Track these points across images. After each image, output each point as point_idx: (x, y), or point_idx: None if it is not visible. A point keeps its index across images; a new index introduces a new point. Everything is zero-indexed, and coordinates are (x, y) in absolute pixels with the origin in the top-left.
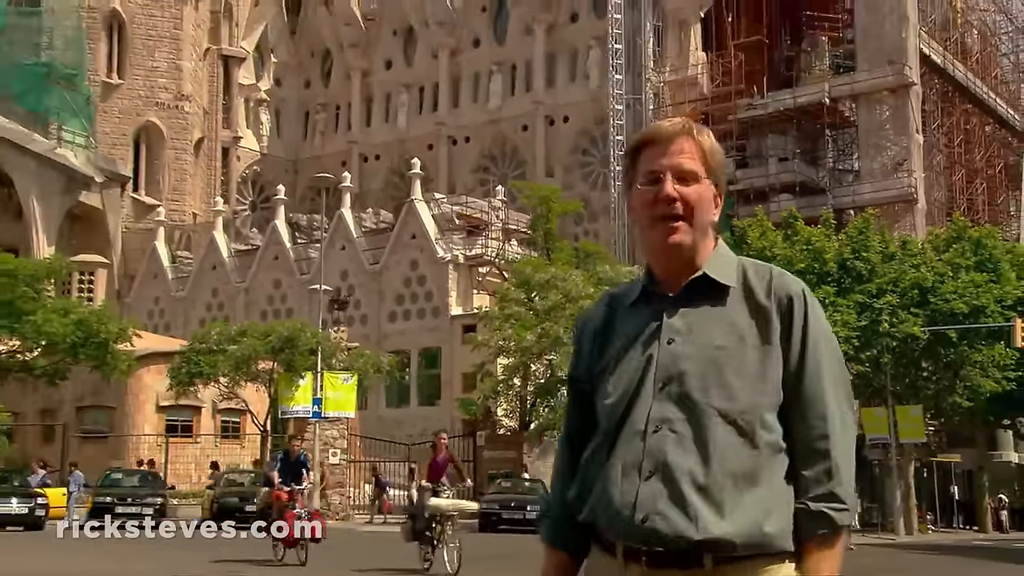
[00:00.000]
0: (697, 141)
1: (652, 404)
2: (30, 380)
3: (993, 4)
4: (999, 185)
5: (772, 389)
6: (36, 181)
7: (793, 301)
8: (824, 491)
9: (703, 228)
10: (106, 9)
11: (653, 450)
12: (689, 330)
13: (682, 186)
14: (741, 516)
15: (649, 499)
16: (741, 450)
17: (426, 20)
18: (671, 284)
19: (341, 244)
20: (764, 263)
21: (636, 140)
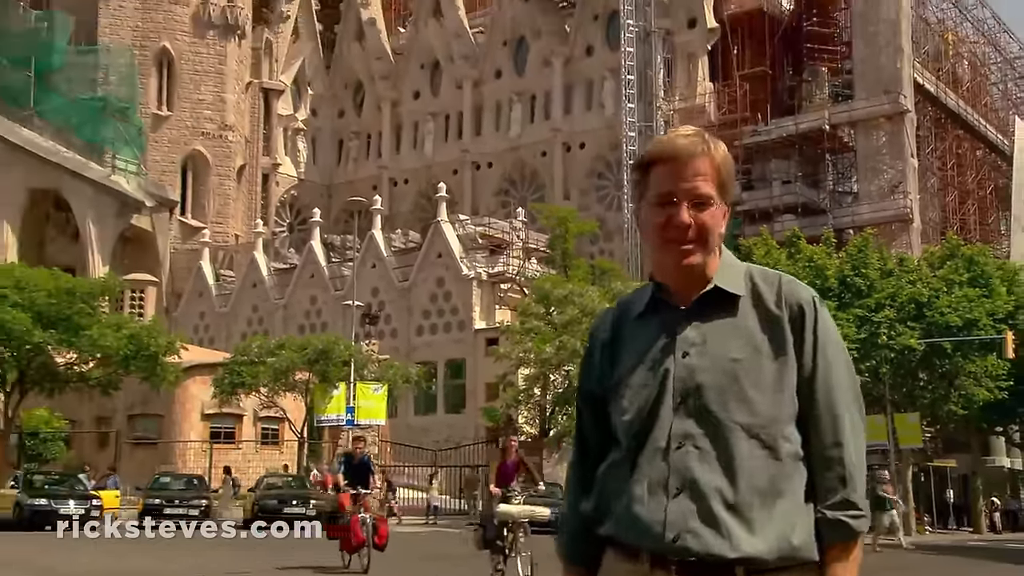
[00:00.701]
0: (712, 159)
1: (672, 420)
2: (86, 390)
3: (983, 37)
4: (990, 206)
5: (789, 400)
6: (92, 206)
7: (804, 309)
8: (840, 499)
9: (713, 248)
10: (156, 47)
11: (678, 467)
12: (703, 342)
13: (697, 212)
14: (770, 532)
15: (679, 518)
16: (765, 464)
17: (451, 54)
18: (680, 295)
19: (372, 263)
20: (771, 270)
21: (650, 155)
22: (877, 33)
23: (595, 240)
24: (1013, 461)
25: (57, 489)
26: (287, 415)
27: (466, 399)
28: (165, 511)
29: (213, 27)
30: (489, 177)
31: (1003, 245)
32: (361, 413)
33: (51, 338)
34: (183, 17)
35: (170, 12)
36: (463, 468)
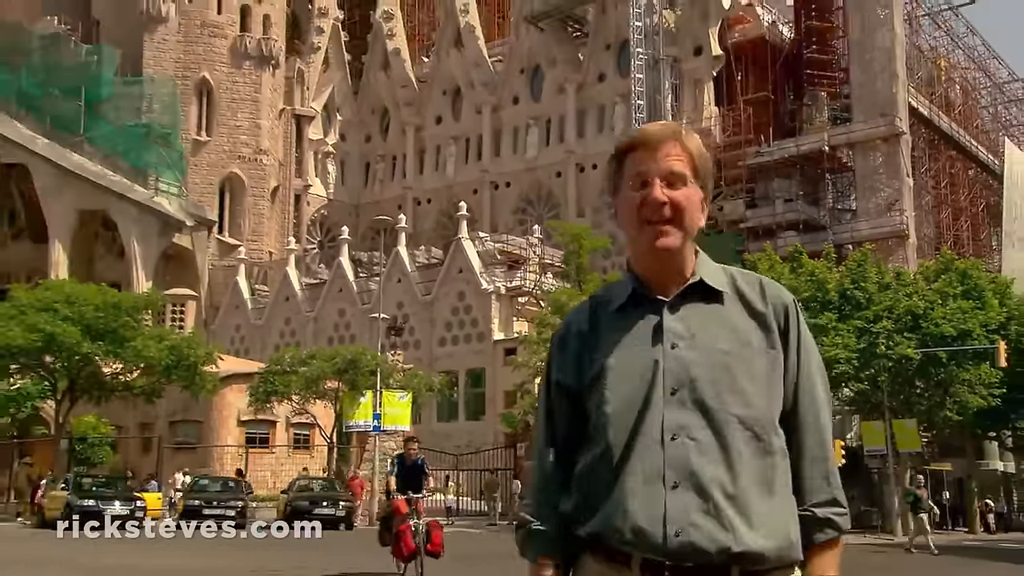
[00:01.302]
0: (685, 144)
1: (664, 411)
2: (130, 398)
3: (973, 63)
4: (982, 222)
5: (778, 396)
6: (137, 225)
7: (788, 309)
8: (827, 497)
9: (691, 231)
10: (197, 77)
11: (675, 459)
12: (691, 334)
13: (671, 190)
14: (770, 526)
15: (680, 511)
16: (759, 458)
17: (471, 81)
18: (661, 288)
19: (397, 278)
20: (749, 271)
21: (623, 143)
22: (873, 60)
23: (607, 255)
24: (1006, 465)
25: (104, 491)
26: (317, 421)
27: (486, 406)
28: (204, 512)
29: (249, 58)
30: (507, 196)
31: (995, 259)
32: (387, 420)
33: (99, 349)
34: (221, 49)
35: (209, 44)
36: (483, 472)
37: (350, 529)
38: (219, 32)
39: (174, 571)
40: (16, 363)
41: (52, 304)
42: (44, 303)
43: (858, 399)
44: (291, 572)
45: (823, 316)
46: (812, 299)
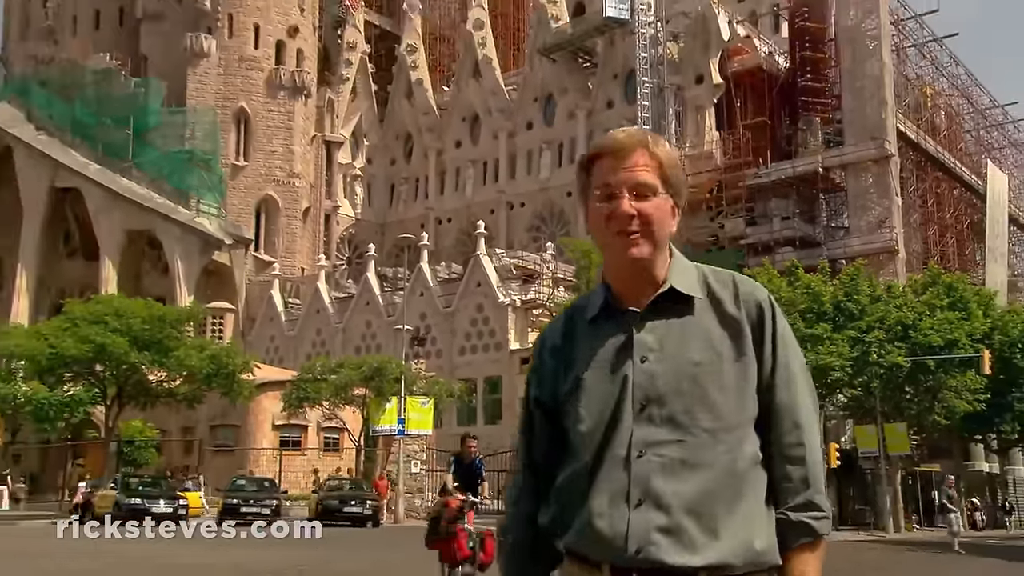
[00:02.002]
0: (653, 153)
1: (633, 428)
2: (173, 403)
3: (957, 90)
4: (966, 238)
5: (751, 402)
6: (180, 244)
7: (763, 308)
8: (803, 500)
9: (661, 241)
10: (235, 107)
11: (639, 476)
12: (661, 346)
13: (639, 201)
14: (733, 536)
15: (641, 529)
16: (729, 469)
17: (489, 109)
18: (633, 298)
19: (420, 291)
20: (723, 269)
21: (590, 152)
22: (863, 87)
23: None
24: (991, 466)
25: (150, 490)
26: (346, 425)
27: (502, 411)
28: (241, 510)
29: (283, 89)
30: (522, 215)
31: (979, 273)
32: (411, 424)
33: (145, 359)
34: (258, 81)
35: (247, 77)
36: (500, 473)
37: (376, 526)
38: (256, 65)
39: (214, 567)
40: (70, 371)
41: (103, 317)
42: (95, 316)
43: (852, 404)
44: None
45: (818, 327)
46: (808, 310)
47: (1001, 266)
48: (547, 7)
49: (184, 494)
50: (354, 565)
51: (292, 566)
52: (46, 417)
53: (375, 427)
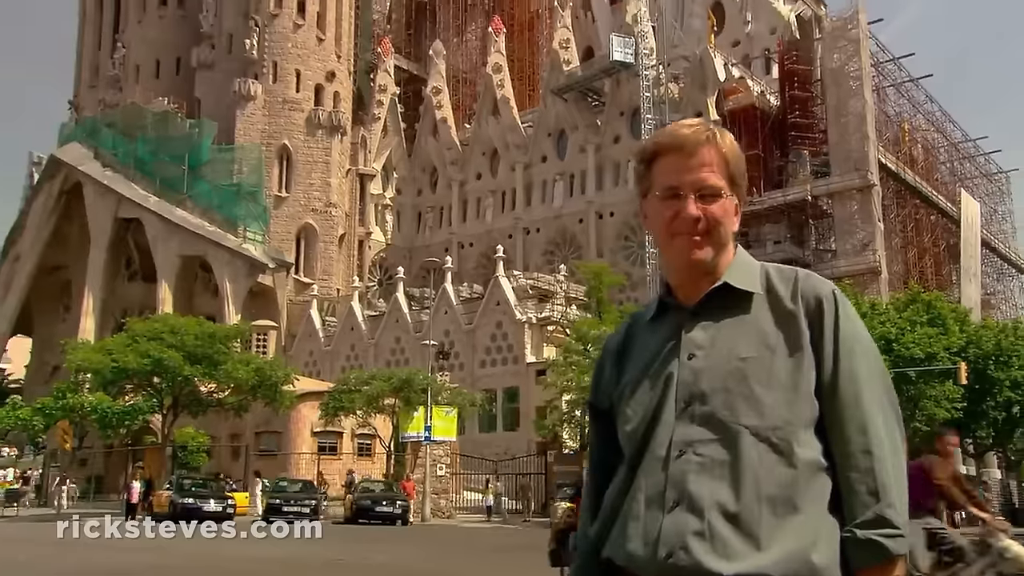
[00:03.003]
0: (719, 149)
1: (675, 426)
2: (223, 412)
3: (932, 126)
4: (943, 260)
5: (807, 401)
6: (228, 268)
7: (823, 303)
8: (872, 515)
9: (725, 241)
10: (278, 144)
11: (676, 477)
12: (712, 343)
13: (705, 203)
14: (781, 547)
15: (673, 532)
16: (777, 471)
17: (507, 144)
18: (689, 295)
19: (444, 310)
20: (789, 267)
21: (653, 146)
22: (847, 123)
23: (623, 290)
24: (968, 469)
25: (201, 491)
26: (378, 432)
27: (520, 419)
28: (283, 509)
29: (321, 127)
30: (537, 240)
31: (954, 292)
32: (436, 431)
33: (197, 371)
34: (299, 121)
35: (289, 117)
36: (518, 476)
37: (405, 525)
38: (297, 107)
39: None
40: (131, 383)
41: (160, 334)
42: (153, 333)
43: None
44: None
45: None
46: None
47: (975, 285)
48: (559, 52)
49: (232, 494)
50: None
51: (333, 560)
52: (110, 424)
53: (404, 434)
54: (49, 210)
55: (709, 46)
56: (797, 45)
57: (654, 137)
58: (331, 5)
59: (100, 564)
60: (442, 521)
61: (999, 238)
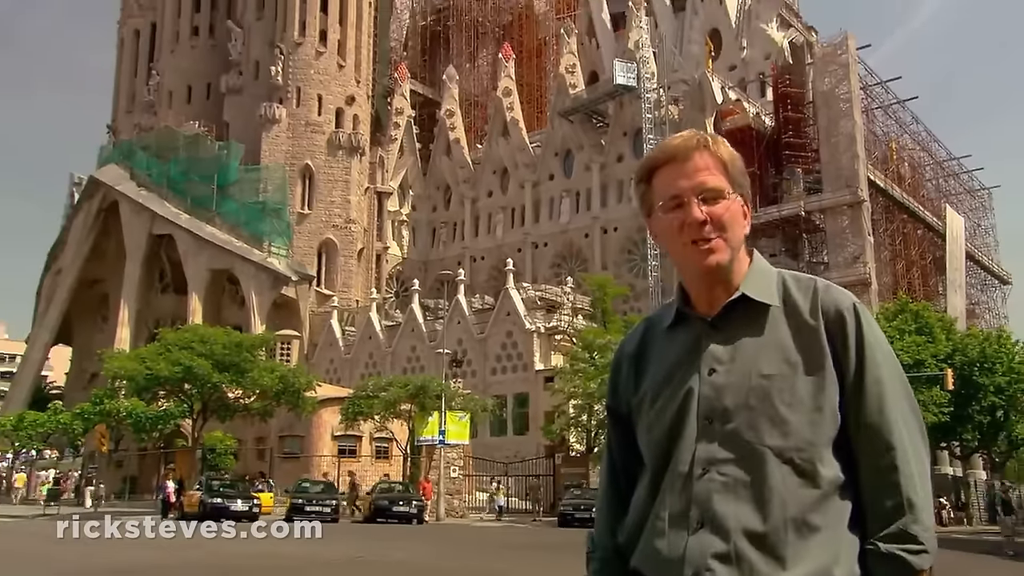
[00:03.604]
0: (714, 152)
1: (696, 443)
2: (249, 417)
3: (918, 145)
4: (930, 272)
5: (830, 420)
6: (254, 281)
7: (844, 316)
8: (896, 530)
9: (737, 244)
10: (301, 164)
11: (700, 497)
12: (731, 358)
13: (709, 206)
14: (805, 566)
15: (698, 554)
16: (801, 492)
17: (516, 163)
18: (708, 304)
19: (457, 320)
20: (807, 275)
21: (649, 161)
22: (838, 143)
23: (627, 300)
24: (955, 469)
25: (229, 491)
26: (394, 436)
27: (529, 424)
28: (306, 509)
29: (341, 148)
30: (545, 254)
31: (941, 302)
32: (450, 435)
33: (225, 379)
34: (320, 142)
35: (311, 139)
36: (527, 477)
37: (421, 524)
38: (318, 129)
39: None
40: (163, 390)
41: (190, 343)
42: (184, 343)
43: None
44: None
45: None
46: None
47: (960, 296)
48: (565, 76)
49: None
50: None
51: (354, 557)
52: (143, 428)
53: (419, 437)
54: (88, 227)
55: (707, 70)
56: (790, 69)
57: (648, 154)
58: (351, 34)
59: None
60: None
61: (982, 251)
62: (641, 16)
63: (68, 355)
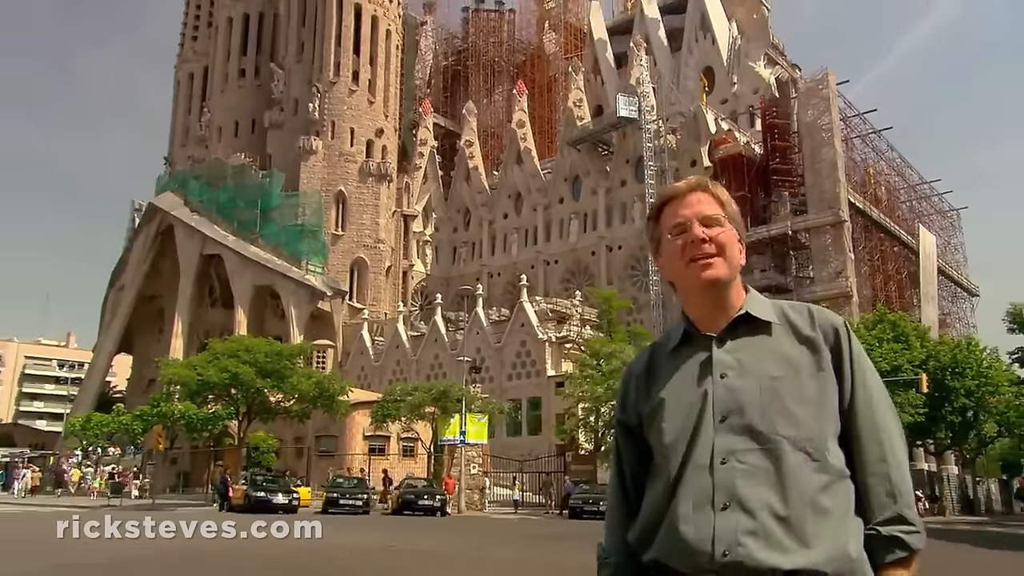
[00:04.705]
0: (714, 193)
1: (715, 438)
2: (288, 418)
3: (893, 171)
4: (905, 285)
5: (832, 415)
6: (293, 295)
7: (839, 332)
8: (892, 514)
9: (735, 266)
10: (335, 190)
11: (724, 481)
12: (740, 364)
13: (709, 229)
14: (826, 543)
15: (728, 532)
16: (814, 477)
17: (529, 188)
18: (711, 325)
19: (476, 330)
20: (799, 303)
21: (658, 200)
22: (821, 168)
23: (630, 312)
24: (929, 465)
25: (271, 485)
26: (419, 436)
27: (542, 425)
28: (340, 502)
29: (371, 175)
30: (555, 270)
31: (915, 313)
32: (470, 435)
33: (267, 384)
34: (352, 170)
35: (344, 167)
36: (540, 474)
37: (444, 516)
38: (351, 159)
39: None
40: (212, 394)
41: (236, 352)
42: (231, 352)
43: None
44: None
45: None
46: None
47: (933, 307)
48: (573, 110)
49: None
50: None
51: (387, 545)
52: (195, 428)
53: (442, 437)
54: (147, 248)
55: (701, 104)
56: (776, 103)
57: (658, 194)
58: (380, 73)
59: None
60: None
61: (952, 266)
62: (642, 55)
63: (129, 363)
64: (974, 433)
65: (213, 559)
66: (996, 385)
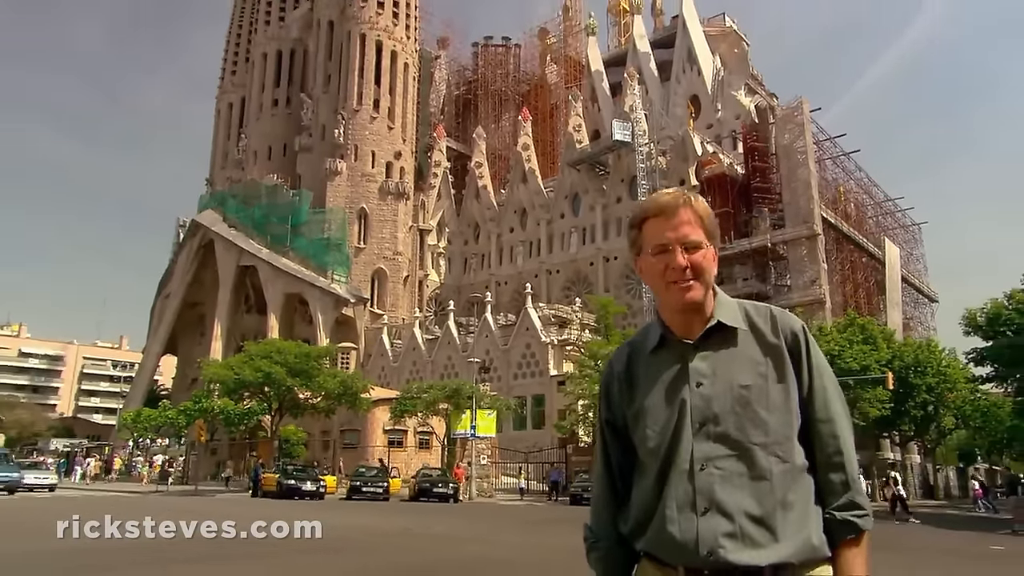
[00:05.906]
0: (695, 209)
1: (693, 444)
2: (316, 414)
3: (861, 189)
4: (872, 292)
5: (795, 417)
6: (320, 303)
7: (799, 337)
8: (846, 501)
9: (709, 284)
10: (358, 207)
11: (703, 487)
12: (713, 372)
13: (690, 254)
14: (793, 537)
15: (710, 535)
16: (783, 477)
17: (533, 204)
18: (685, 330)
19: (485, 334)
20: (761, 303)
21: (641, 212)
22: (797, 187)
23: (625, 317)
24: (895, 455)
25: (301, 474)
26: (434, 430)
27: (545, 420)
28: (363, 489)
29: (391, 193)
30: (557, 280)
31: (882, 317)
32: (480, 429)
33: (296, 383)
34: (373, 189)
35: (366, 186)
36: (543, 464)
37: (456, 502)
38: (372, 179)
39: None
40: (247, 391)
41: (269, 354)
42: (264, 353)
43: None
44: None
45: None
46: None
47: (897, 312)
48: (573, 134)
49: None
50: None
51: (404, 529)
52: (232, 422)
53: (454, 431)
54: (190, 260)
55: (689, 128)
56: (756, 128)
57: (641, 205)
58: (398, 102)
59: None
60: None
61: (914, 275)
62: (635, 85)
63: (174, 363)
64: (934, 425)
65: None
66: (954, 382)
